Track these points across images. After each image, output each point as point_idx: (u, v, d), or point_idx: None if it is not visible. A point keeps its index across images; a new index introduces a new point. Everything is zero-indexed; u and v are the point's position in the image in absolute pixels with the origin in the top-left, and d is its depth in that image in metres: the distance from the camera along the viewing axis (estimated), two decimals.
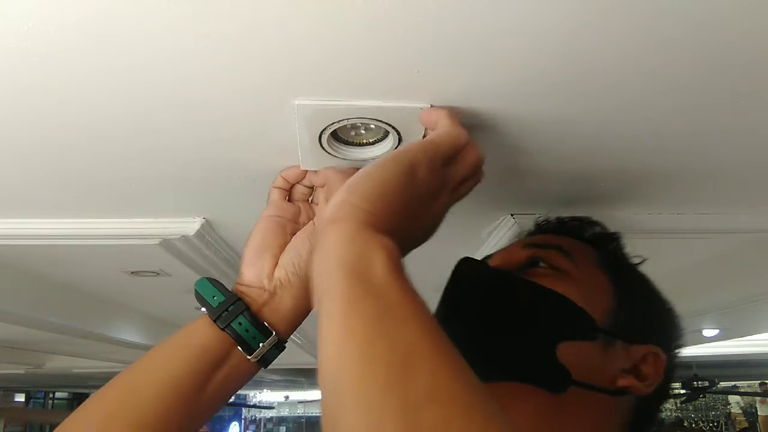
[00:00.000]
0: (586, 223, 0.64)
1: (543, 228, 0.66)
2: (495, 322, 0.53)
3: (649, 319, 0.57)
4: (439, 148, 0.45)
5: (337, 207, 0.40)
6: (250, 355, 0.51)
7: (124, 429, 0.47)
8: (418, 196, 0.43)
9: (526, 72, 0.44)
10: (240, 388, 0.54)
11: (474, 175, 0.49)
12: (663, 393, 0.55)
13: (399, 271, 0.36)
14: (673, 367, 0.55)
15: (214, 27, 0.39)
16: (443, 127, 0.47)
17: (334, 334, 0.33)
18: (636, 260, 0.62)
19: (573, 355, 0.50)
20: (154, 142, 0.57)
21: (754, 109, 0.51)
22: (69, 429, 0.48)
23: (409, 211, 0.42)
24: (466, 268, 0.57)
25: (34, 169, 0.64)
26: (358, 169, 0.56)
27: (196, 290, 0.54)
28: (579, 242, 0.60)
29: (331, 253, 0.36)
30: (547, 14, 0.37)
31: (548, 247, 0.58)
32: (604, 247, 0.62)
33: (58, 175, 0.65)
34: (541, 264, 0.56)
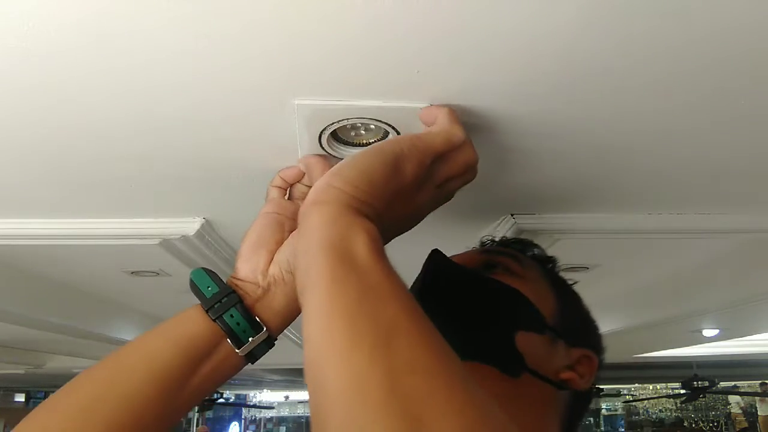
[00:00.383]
0: (528, 244, 0.70)
1: (485, 244, 0.72)
2: (465, 311, 0.59)
3: (584, 327, 0.64)
4: (431, 144, 0.46)
5: (320, 190, 0.41)
6: (238, 349, 0.51)
7: (101, 423, 0.45)
8: (402, 187, 0.45)
9: (526, 73, 0.44)
10: (224, 382, 0.53)
11: (464, 174, 0.51)
12: (591, 392, 0.61)
13: (380, 253, 0.38)
14: (599, 370, 0.62)
15: (214, 27, 0.39)
16: (440, 125, 0.48)
17: (319, 311, 0.34)
18: (570, 282, 0.69)
19: (527, 345, 0.56)
20: (154, 142, 0.57)
21: (754, 110, 0.51)
22: (38, 423, 0.46)
23: (392, 199, 0.44)
24: (439, 262, 0.62)
25: (35, 169, 0.64)
26: (340, 158, 0.57)
27: (191, 279, 0.53)
28: (524, 256, 0.67)
29: (314, 234, 0.38)
30: (547, 16, 0.37)
31: (503, 254, 0.64)
32: (545, 266, 0.68)
33: (59, 175, 0.65)
34: (497, 269, 0.62)
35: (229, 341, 0.51)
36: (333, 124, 0.51)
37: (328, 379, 0.31)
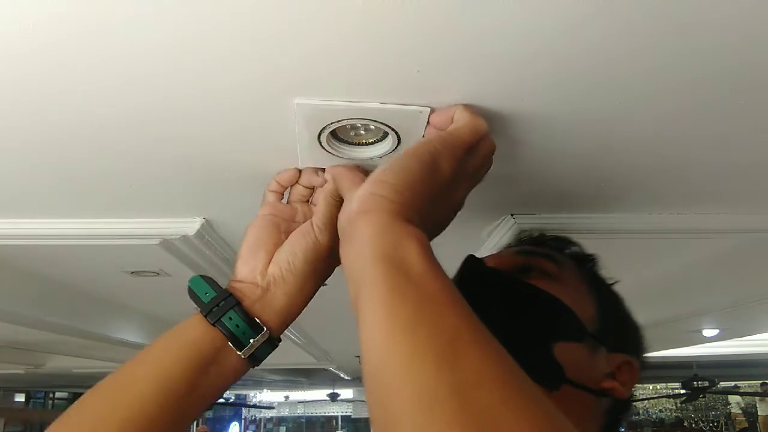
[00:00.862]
0: (566, 242, 0.68)
1: (525, 243, 0.70)
2: (500, 319, 0.53)
3: (625, 330, 0.61)
4: (460, 139, 0.47)
5: (365, 199, 0.41)
6: (240, 351, 0.51)
7: (115, 430, 0.46)
8: (442, 186, 0.45)
9: (526, 72, 0.44)
10: (231, 385, 0.53)
11: (489, 163, 0.51)
12: (631, 399, 0.59)
13: (433, 260, 0.37)
14: (639, 378, 0.60)
15: (214, 27, 0.39)
16: (463, 119, 0.48)
17: (379, 322, 0.34)
18: (610, 281, 0.66)
19: (567, 355, 0.53)
20: (154, 142, 0.57)
21: (755, 109, 0.51)
22: None
23: (433, 200, 0.44)
24: (474, 266, 0.60)
25: (34, 170, 0.64)
26: (362, 166, 0.57)
27: (189, 287, 0.54)
28: (562, 255, 0.64)
29: (366, 244, 0.38)
30: (547, 14, 0.37)
31: (540, 255, 0.61)
32: (583, 265, 0.65)
33: (58, 175, 0.65)
34: (533, 272, 0.59)
35: (230, 345, 0.51)
36: (332, 123, 0.51)
37: (394, 392, 0.31)
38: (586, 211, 0.80)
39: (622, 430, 0.58)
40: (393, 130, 0.52)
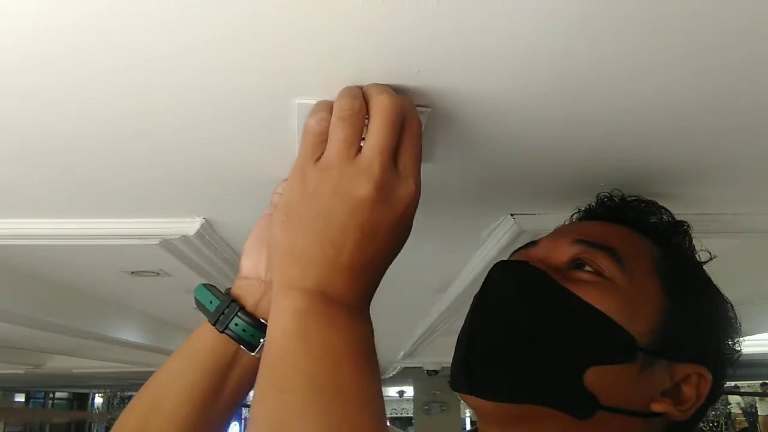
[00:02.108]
0: (654, 206, 0.57)
1: (606, 206, 0.60)
2: (522, 338, 0.49)
3: (703, 335, 0.51)
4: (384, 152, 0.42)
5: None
6: (253, 352, 0.52)
7: None
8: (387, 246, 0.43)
9: (527, 72, 0.44)
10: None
11: (415, 136, 0.44)
12: (699, 416, 0.50)
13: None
14: (718, 392, 0.50)
15: (214, 27, 0.39)
16: (378, 114, 0.42)
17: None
18: (704, 256, 0.56)
19: (603, 380, 0.46)
20: (154, 142, 0.57)
21: (755, 108, 0.51)
22: None
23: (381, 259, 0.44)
24: (501, 270, 0.53)
25: (34, 169, 0.64)
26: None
27: (195, 298, 0.56)
28: (637, 238, 0.54)
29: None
30: (548, 14, 0.37)
31: (599, 248, 0.51)
32: (667, 242, 0.55)
33: (58, 175, 0.65)
34: (585, 269, 0.51)
35: (242, 347, 0.53)
36: None
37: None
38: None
39: None
40: None
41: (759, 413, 8.59)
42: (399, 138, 0.42)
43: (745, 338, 0.55)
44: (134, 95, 0.47)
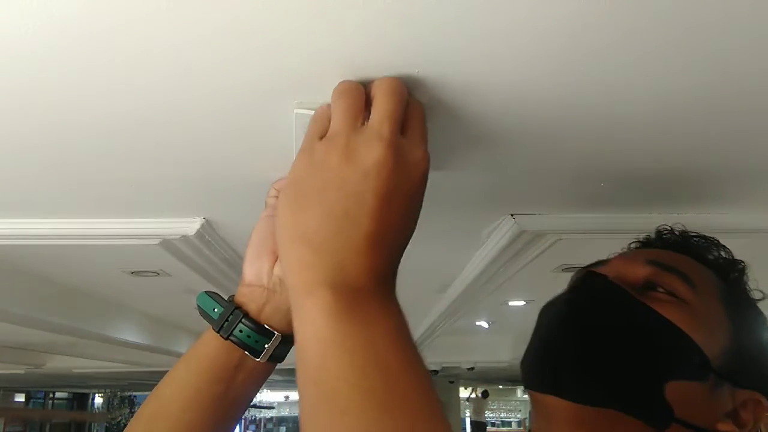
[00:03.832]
0: (713, 244, 0.60)
1: (664, 239, 0.62)
2: (609, 346, 0.51)
3: (761, 362, 0.53)
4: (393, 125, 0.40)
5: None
6: (257, 358, 0.53)
7: None
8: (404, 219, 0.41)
9: (527, 72, 0.44)
10: (261, 385, 0.56)
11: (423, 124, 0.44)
12: None
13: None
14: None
15: (215, 27, 0.39)
16: (381, 102, 0.41)
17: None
18: (757, 295, 0.59)
19: (681, 395, 0.48)
20: (154, 143, 0.57)
21: (756, 108, 0.51)
22: None
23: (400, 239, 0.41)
24: (587, 281, 0.55)
25: (34, 169, 0.64)
26: None
27: (197, 305, 0.56)
28: (701, 267, 0.57)
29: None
30: (548, 12, 0.37)
31: (671, 270, 0.53)
32: (726, 276, 0.58)
33: (59, 175, 0.65)
34: (658, 290, 0.53)
35: (247, 353, 0.53)
36: None
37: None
38: (587, 211, 0.80)
39: None
40: None
41: None
42: (404, 115, 0.42)
43: None
44: (133, 96, 0.47)
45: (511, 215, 0.81)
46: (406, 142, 0.41)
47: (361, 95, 0.42)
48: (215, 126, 0.53)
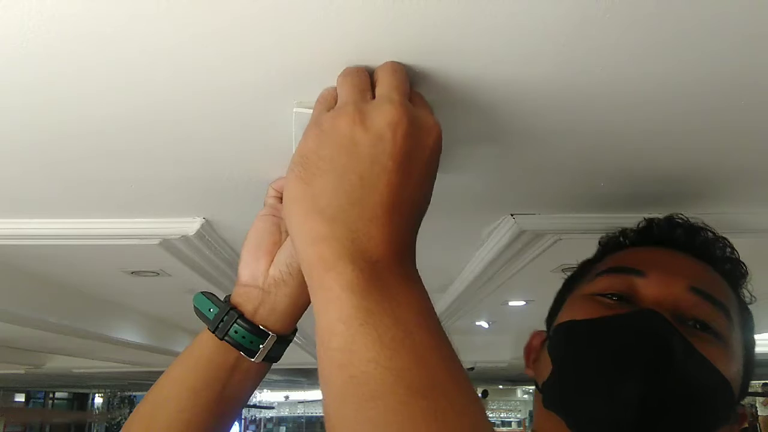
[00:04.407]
0: (721, 244, 0.59)
1: (678, 237, 0.60)
2: (670, 397, 0.48)
3: (750, 375, 0.55)
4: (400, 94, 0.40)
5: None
6: (252, 358, 0.53)
7: None
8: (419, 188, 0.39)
9: (527, 71, 0.44)
10: (257, 385, 0.56)
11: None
12: None
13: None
14: None
15: (214, 27, 0.39)
16: (385, 82, 0.40)
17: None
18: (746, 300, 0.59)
19: None
20: (154, 143, 0.57)
21: (756, 107, 0.51)
22: None
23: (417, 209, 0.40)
24: (655, 323, 0.50)
25: (34, 169, 0.64)
26: None
27: (194, 306, 0.56)
28: (727, 287, 0.57)
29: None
30: (549, 10, 0.37)
31: (716, 305, 0.52)
32: (737, 287, 0.58)
33: (59, 175, 0.65)
34: (708, 331, 0.51)
35: (242, 353, 0.53)
36: None
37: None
38: (587, 211, 0.80)
39: None
40: None
41: (759, 414, 8.59)
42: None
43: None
44: (133, 97, 0.47)
45: (511, 215, 0.81)
46: (416, 109, 0.39)
47: (366, 76, 0.41)
48: (215, 125, 0.53)
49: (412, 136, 0.37)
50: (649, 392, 0.47)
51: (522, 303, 2.06)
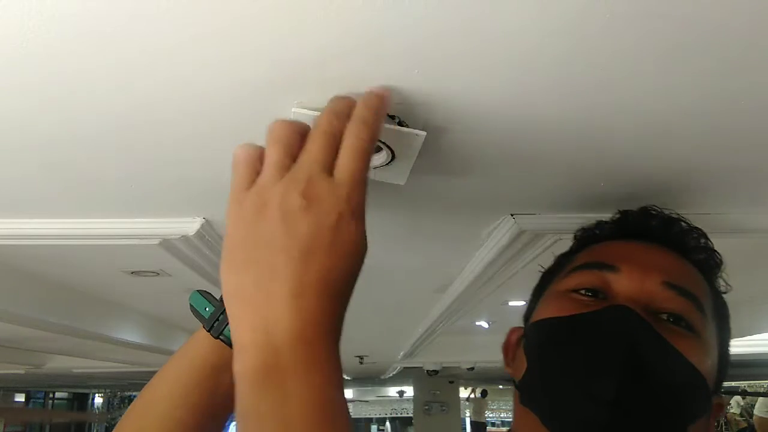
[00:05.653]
0: (695, 234, 0.58)
1: (653, 229, 0.59)
2: (643, 390, 0.48)
3: (726, 367, 0.55)
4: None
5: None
6: None
7: None
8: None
9: (527, 73, 0.44)
10: None
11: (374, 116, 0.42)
12: None
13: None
14: None
15: (214, 27, 0.39)
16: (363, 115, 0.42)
17: None
18: (722, 289, 0.58)
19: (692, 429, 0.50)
20: (154, 143, 0.57)
21: (756, 106, 0.51)
22: None
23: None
24: (622, 320, 0.50)
25: (35, 170, 0.64)
26: None
27: (190, 305, 0.57)
28: (702, 279, 0.56)
29: None
30: (550, 15, 0.37)
31: (689, 298, 0.52)
32: (711, 279, 0.57)
33: (58, 175, 0.65)
34: (680, 323, 0.51)
35: None
36: None
37: None
38: (587, 211, 0.80)
39: None
40: (388, 147, 0.52)
41: (755, 413, 8.57)
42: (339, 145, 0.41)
43: (745, 338, 0.57)
44: (133, 95, 0.47)
45: (511, 215, 0.81)
46: (327, 183, 0.39)
47: (294, 141, 0.42)
48: (215, 125, 0.53)
49: (313, 218, 0.38)
50: (623, 388, 0.46)
51: (522, 303, 2.06)
